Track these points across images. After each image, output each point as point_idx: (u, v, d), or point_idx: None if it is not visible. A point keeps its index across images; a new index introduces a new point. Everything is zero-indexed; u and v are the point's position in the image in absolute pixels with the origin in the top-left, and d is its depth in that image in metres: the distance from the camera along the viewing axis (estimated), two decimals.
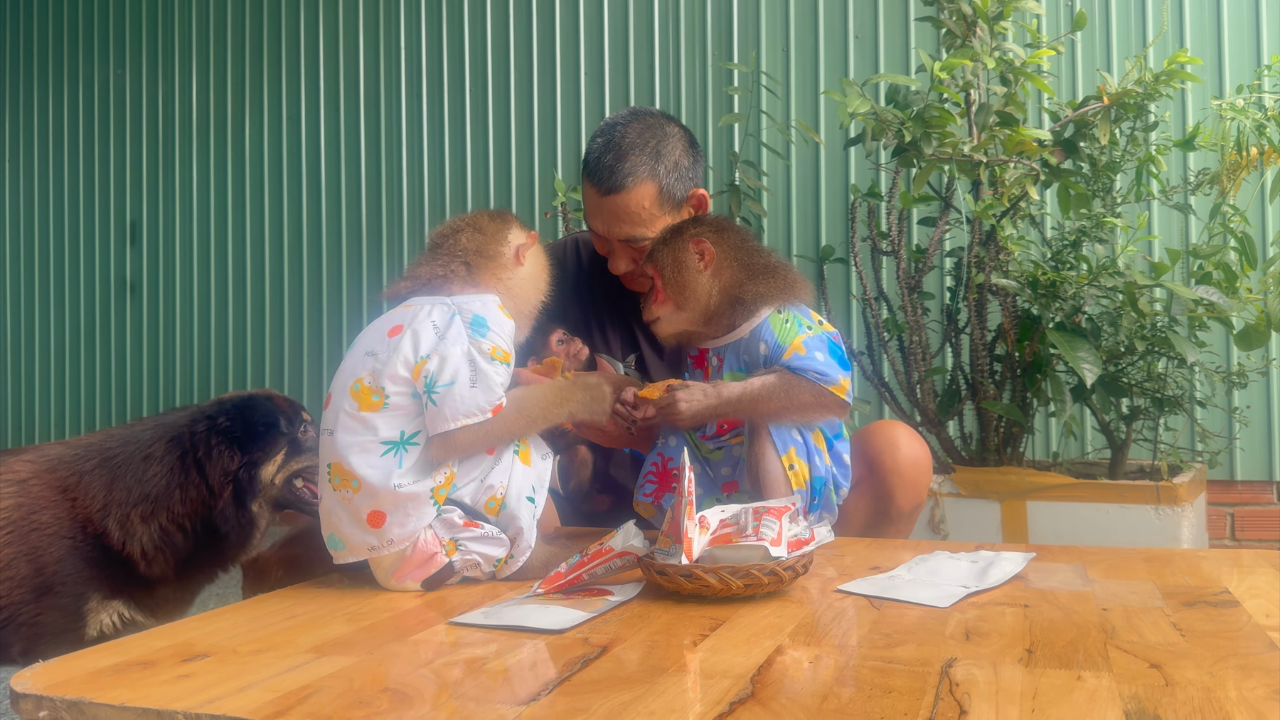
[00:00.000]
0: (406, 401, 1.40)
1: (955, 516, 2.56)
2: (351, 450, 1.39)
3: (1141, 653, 1.05)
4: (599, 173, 1.92)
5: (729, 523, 1.39)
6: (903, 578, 1.41)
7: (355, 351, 1.46)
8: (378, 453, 1.38)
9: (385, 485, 1.37)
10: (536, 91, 4.00)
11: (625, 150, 1.92)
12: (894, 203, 2.83)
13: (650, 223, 1.93)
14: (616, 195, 1.91)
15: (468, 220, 1.61)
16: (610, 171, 1.90)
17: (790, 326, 1.67)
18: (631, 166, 1.90)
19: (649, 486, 1.78)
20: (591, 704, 0.90)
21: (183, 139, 4.51)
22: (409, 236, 4.15)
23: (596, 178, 1.93)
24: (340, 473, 1.39)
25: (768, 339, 1.66)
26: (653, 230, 1.92)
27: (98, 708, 0.94)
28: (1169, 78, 2.50)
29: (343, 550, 1.43)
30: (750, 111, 3.49)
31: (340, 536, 1.42)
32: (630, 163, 1.90)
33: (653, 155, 1.93)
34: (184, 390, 4.47)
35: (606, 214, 1.94)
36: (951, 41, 2.51)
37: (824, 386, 1.62)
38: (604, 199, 1.93)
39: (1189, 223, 3.17)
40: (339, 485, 1.40)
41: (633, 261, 1.97)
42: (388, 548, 1.39)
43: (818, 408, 1.64)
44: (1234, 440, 3.11)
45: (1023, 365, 2.60)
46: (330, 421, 1.43)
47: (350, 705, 0.91)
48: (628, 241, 1.95)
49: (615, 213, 1.93)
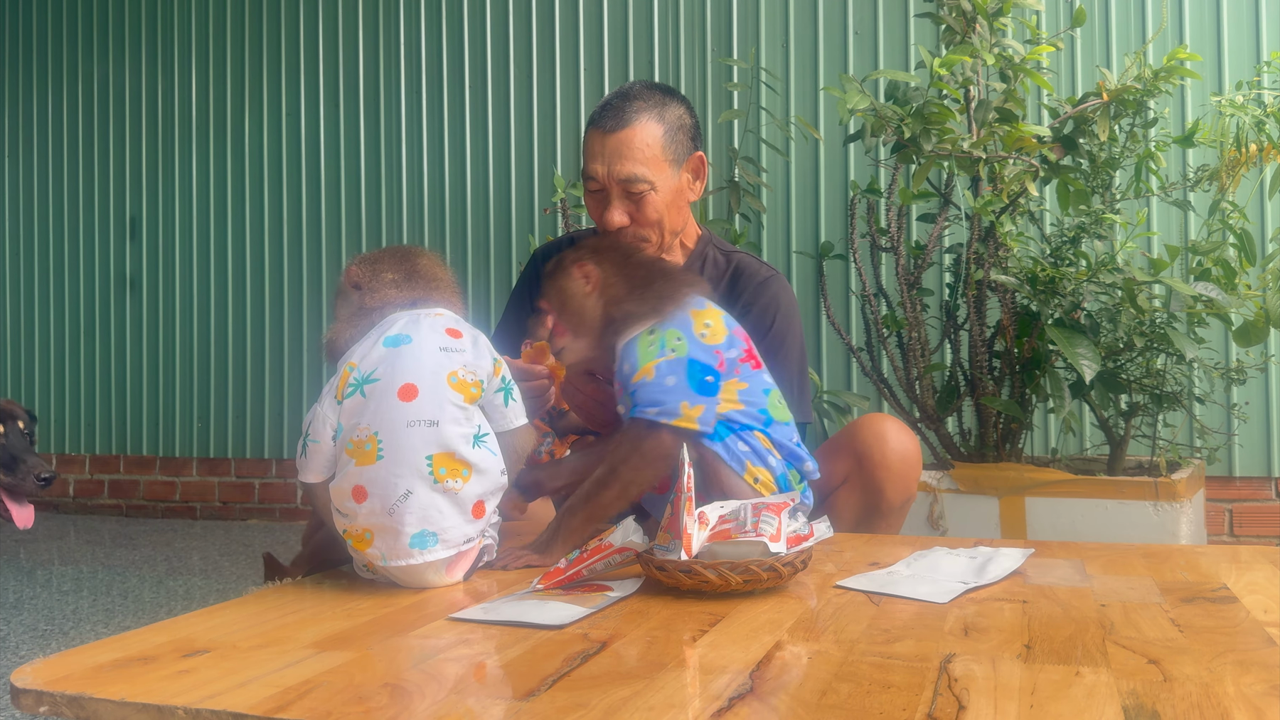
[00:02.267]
0: (489, 397, 1.46)
1: (954, 512, 2.56)
2: (462, 441, 1.40)
3: (1140, 648, 1.05)
4: (605, 113, 1.96)
5: (728, 518, 1.39)
6: (901, 573, 1.41)
7: (422, 346, 1.43)
8: (482, 444, 1.42)
9: (496, 474, 1.42)
10: (536, 88, 3.99)
11: (632, 97, 1.97)
12: (893, 199, 2.83)
13: (652, 165, 1.94)
14: (622, 130, 1.93)
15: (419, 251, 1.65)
16: (618, 110, 1.94)
17: (653, 349, 1.58)
18: (638, 108, 1.95)
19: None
20: (591, 699, 0.90)
21: (182, 135, 4.51)
22: (408, 232, 4.15)
23: (602, 119, 1.96)
24: (449, 463, 1.38)
25: (630, 360, 1.60)
26: (652, 174, 1.93)
27: (98, 703, 0.94)
28: (1168, 74, 2.50)
29: (434, 547, 1.38)
30: (749, 108, 3.49)
31: (437, 531, 1.38)
32: (637, 105, 1.95)
33: (659, 104, 1.97)
34: (183, 385, 4.48)
35: (609, 152, 1.94)
36: (951, 38, 2.51)
37: (662, 426, 1.53)
38: (608, 136, 1.94)
39: (1188, 219, 3.17)
40: (446, 475, 1.38)
41: (629, 216, 1.96)
42: (480, 538, 1.42)
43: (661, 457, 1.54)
44: (1232, 436, 3.12)
45: (1022, 361, 2.60)
46: (430, 412, 1.39)
47: (350, 700, 0.91)
48: (627, 184, 1.93)
49: (618, 149, 1.93)
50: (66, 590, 2.96)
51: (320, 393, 1.45)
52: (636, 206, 1.95)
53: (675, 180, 1.99)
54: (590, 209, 2.02)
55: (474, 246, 4.06)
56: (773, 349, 2.01)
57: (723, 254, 2.10)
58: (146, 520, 4.46)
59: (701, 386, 1.57)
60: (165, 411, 4.52)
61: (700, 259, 2.08)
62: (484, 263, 4.03)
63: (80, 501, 4.66)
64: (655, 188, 1.95)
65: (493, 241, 4.03)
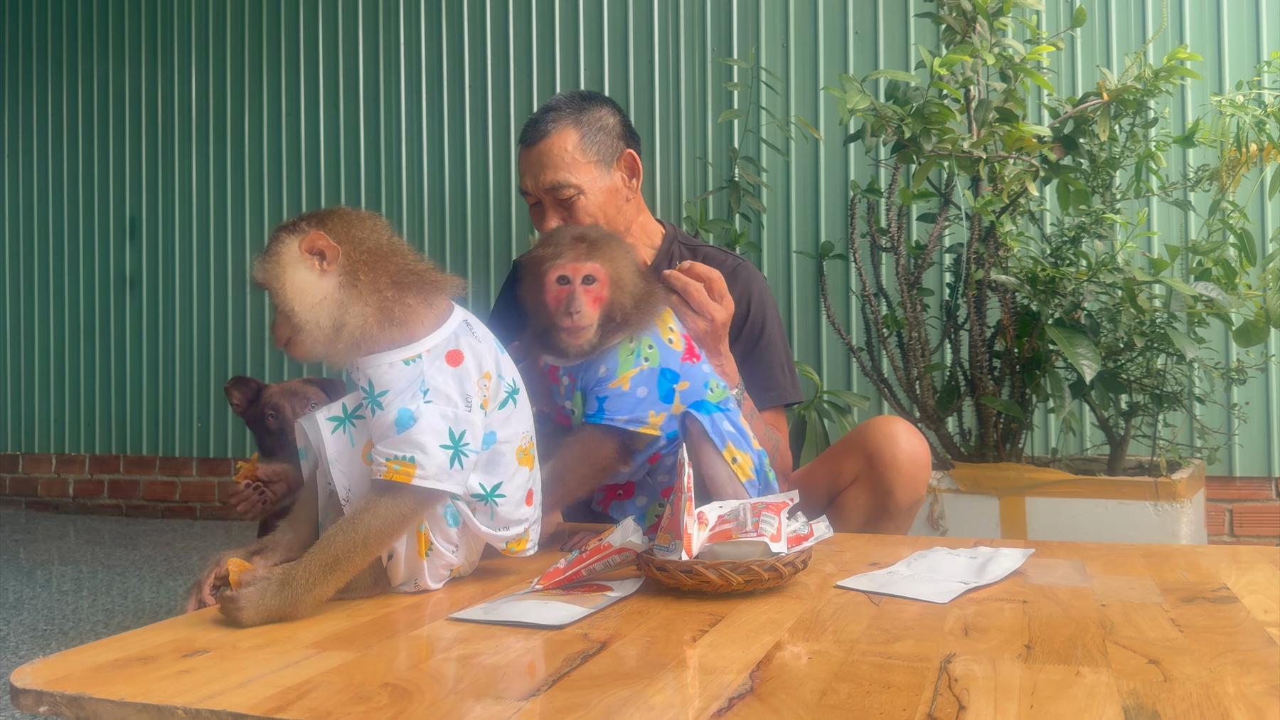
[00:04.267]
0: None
1: (954, 512, 2.56)
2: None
3: (1140, 648, 1.05)
4: (527, 129, 2.03)
5: (727, 519, 1.39)
6: (902, 573, 1.41)
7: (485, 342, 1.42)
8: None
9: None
10: (536, 88, 3.99)
11: (550, 108, 2.04)
12: (893, 199, 2.83)
13: (573, 168, 1.98)
14: (541, 142, 1.99)
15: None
16: (536, 124, 2.02)
17: (630, 359, 1.59)
18: (555, 117, 2.01)
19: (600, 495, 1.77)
20: (591, 699, 0.90)
21: (182, 135, 4.51)
22: (408, 232, 4.14)
23: (524, 135, 2.03)
24: (527, 453, 1.43)
25: (609, 365, 1.59)
26: (576, 177, 1.97)
27: (98, 703, 0.94)
28: (1169, 74, 2.50)
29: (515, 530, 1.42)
30: (750, 107, 3.49)
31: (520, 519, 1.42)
32: (552, 115, 2.02)
33: (576, 109, 2.03)
34: (183, 385, 4.48)
35: (533, 164, 2.00)
36: (951, 37, 2.51)
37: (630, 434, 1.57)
38: (530, 150, 2.01)
39: (1188, 219, 3.17)
40: (526, 460, 1.42)
41: (562, 220, 2.00)
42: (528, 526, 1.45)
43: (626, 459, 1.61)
44: (1233, 436, 3.12)
45: (1022, 361, 2.60)
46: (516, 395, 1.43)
47: (350, 700, 0.91)
48: (554, 192, 1.98)
49: (540, 159, 1.99)
50: (66, 590, 2.96)
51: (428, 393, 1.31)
52: (569, 212, 2.00)
53: (606, 180, 2.03)
54: (535, 223, 2.08)
55: (474, 246, 4.06)
56: (754, 337, 2.05)
57: (689, 249, 2.14)
58: (146, 520, 4.46)
59: (667, 395, 1.62)
60: (165, 412, 4.52)
61: (667, 257, 2.12)
62: (483, 262, 4.03)
63: (80, 501, 4.66)
64: (583, 190, 1.99)
65: (493, 241, 4.03)
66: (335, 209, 1.39)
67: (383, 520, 1.26)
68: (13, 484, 4.80)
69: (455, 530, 1.35)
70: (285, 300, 1.32)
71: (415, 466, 1.26)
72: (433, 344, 1.33)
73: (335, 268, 1.33)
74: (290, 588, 1.21)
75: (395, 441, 1.27)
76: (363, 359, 1.32)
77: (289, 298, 1.32)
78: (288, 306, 1.32)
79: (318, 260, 1.32)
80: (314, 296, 1.31)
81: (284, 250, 1.33)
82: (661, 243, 2.15)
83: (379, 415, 1.29)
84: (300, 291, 1.31)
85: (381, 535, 1.26)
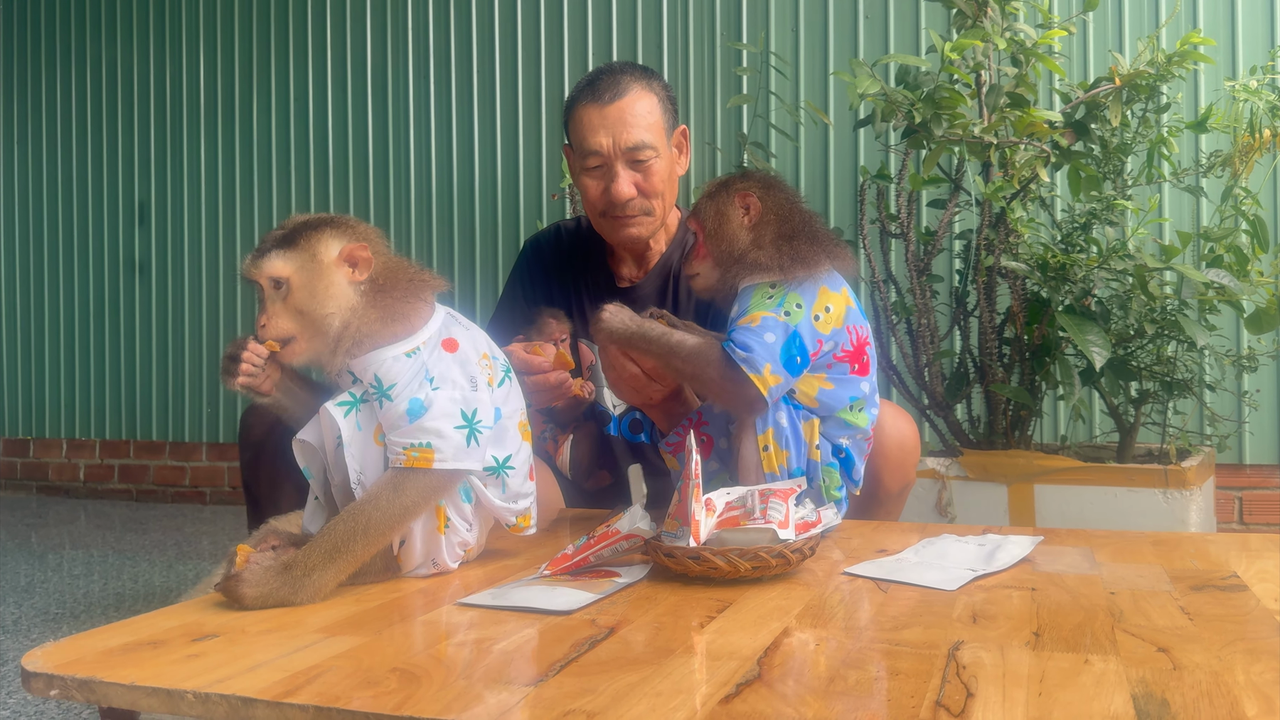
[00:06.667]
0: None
1: (963, 499, 2.56)
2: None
3: (1149, 636, 1.05)
4: (597, 87, 1.95)
5: (735, 505, 1.39)
6: (910, 560, 1.41)
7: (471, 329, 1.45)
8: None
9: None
10: (544, 72, 3.98)
11: (618, 71, 1.98)
12: (903, 185, 2.82)
13: (654, 131, 1.94)
14: (621, 100, 1.93)
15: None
16: (612, 82, 1.94)
17: (770, 301, 1.57)
18: (628, 80, 1.95)
19: (674, 438, 1.73)
20: (599, 685, 0.90)
21: (191, 120, 4.51)
22: (416, 217, 4.14)
23: (596, 92, 1.95)
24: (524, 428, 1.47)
25: (742, 304, 1.59)
26: (657, 141, 1.93)
27: (108, 686, 0.94)
28: (1181, 59, 2.48)
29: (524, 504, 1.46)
30: (759, 92, 3.47)
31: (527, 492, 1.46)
32: (626, 78, 1.96)
33: (645, 77, 1.99)
34: (192, 370, 4.49)
35: (612, 122, 1.92)
36: (962, 22, 2.49)
37: (740, 371, 1.52)
38: (607, 108, 1.93)
39: (1200, 205, 3.15)
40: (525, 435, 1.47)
41: (635, 186, 1.94)
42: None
43: (722, 392, 1.56)
44: (1243, 424, 3.10)
45: (1031, 348, 2.59)
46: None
47: (359, 685, 0.91)
48: (634, 152, 1.92)
49: (622, 117, 1.92)
50: (77, 574, 2.97)
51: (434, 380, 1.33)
52: (643, 176, 1.94)
53: (669, 151, 1.99)
54: (588, 189, 1.98)
55: (482, 231, 4.06)
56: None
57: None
58: (156, 505, 4.48)
59: (789, 362, 1.55)
60: (175, 396, 4.53)
61: (681, 245, 2.08)
62: (491, 247, 4.03)
63: (90, 486, 4.68)
64: (659, 154, 1.94)
65: (500, 226, 4.03)
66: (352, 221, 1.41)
67: (385, 510, 1.27)
68: (24, 468, 4.82)
69: (469, 507, 1.38)
70: (307, 300, 1.33)
71: (434, 451, 1.29)
72: (427, 336, 1.36)
73: (364, 278, 1.36)
74: (291, 572, 1.23)
75: (410, 430, 1.29)
76: (364, 356, 1.33)
77: (314, 299, 1.33)
78: (307, 306, 1.33)
79: (351, 269, 1.35)
80: (340, 302, 1.34)
81: (323, 252, 1.34)
82: (677, 229, 2.13)
83: (389, 407, 1.30)
84: (329, 295, 1.33)
85: (385, 524, 1.28)
